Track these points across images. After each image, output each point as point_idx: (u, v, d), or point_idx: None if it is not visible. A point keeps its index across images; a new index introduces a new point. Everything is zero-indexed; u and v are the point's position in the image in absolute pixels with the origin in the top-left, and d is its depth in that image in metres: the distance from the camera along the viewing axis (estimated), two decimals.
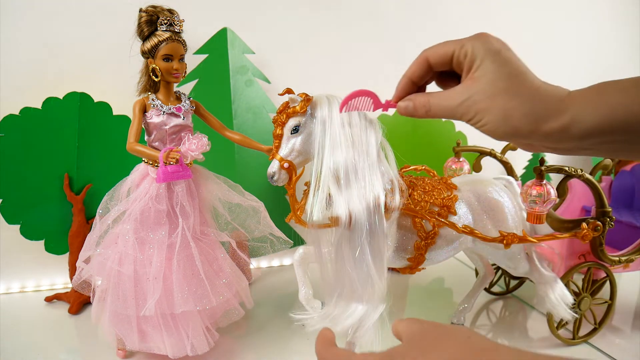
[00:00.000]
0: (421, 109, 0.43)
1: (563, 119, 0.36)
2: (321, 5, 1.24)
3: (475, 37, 0.40)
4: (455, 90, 0.40)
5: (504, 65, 0.39)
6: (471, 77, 0.40)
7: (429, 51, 0.43)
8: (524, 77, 0.39)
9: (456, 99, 0.40)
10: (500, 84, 0.38)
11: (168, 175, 0.75)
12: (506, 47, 0.40)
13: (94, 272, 0.79)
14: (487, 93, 0.38)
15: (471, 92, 0.39)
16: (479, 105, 0.39)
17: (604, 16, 1.54)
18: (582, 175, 0.82)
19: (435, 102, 0.42)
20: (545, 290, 0.84)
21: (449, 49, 0.41)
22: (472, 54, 0.39)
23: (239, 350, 0.87)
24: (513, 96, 0.38)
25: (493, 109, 0.38)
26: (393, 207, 0.71)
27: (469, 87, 0.39)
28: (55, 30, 1.05)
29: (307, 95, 0.71)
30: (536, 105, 0.37)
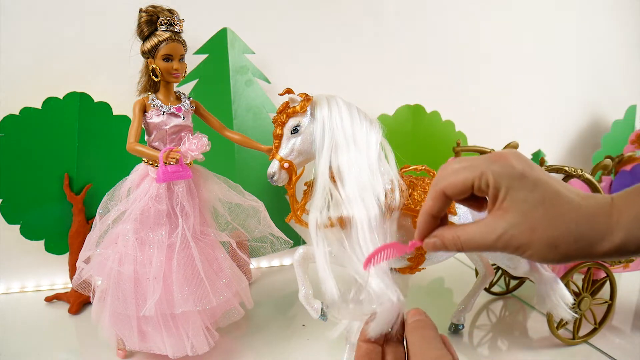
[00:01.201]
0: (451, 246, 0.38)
1: (616, 239, 0.34)
2: (321, 6, 1.24)
3: (492, 160, 0.36)
4: (486, 224, 0.36)
5: (533, 190, 0.35)
6: (500, 208, 0.35)
7: (445, 184, 0.37)
8: (558, 199, 0.35)
9: (490, 235, 0.36)
10: (535, 213, 0.34)
11: (168, 175, 0.75)
12: (529, 165, 0.36)
13: (94, 272, 0.79)
14: (523, 226, 0.34)
15: (505, 226, 0.35)
16: (519, 239, 0.35)
17: (605, 16, 1.54)
18: (582, 175, 0.82)
19: (466, 238, 0.37)
20: (545, 290, 0.84)
21: (467, 180, 0.36)
22: (495, 183, 0.35)
23: (239, 350, 0.87)
24: (554, 226, 0.34)
25: (536, 242, 0.34)
26: (393, 207, 0.71)
27: (501, 220, 0.35)
28: (55, 30, 1.05)
29: (307, 95, 0.71)
30: (583, 230, 0.34)
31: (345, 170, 0.67)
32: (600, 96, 1.58)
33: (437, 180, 0.39)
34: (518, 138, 1.07)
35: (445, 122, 1.35)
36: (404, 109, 1.31)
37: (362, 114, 0.72)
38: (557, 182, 0.36)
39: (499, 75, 1.44)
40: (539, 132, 1.51)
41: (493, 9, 1.41)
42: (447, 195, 0.38)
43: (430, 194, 0.39)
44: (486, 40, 1.41)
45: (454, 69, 1.39)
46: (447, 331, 0.94)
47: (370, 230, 0.67)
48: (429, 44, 1.36)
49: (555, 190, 0.35)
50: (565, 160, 1.59)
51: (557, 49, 1.50)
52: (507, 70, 1.45)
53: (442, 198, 0.38)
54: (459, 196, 0.38)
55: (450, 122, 1.36)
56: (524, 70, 1.47)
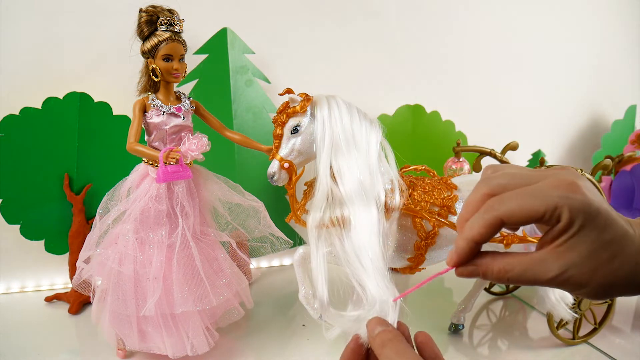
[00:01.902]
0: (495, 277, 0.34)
1: None
2: (321, 5, 1.24)
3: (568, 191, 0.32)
4: (542, 260, 0.33)
5: (605, 230, 0.32)
6: (564, 245, 0.32)
7: (505, 211, 0.32)
8: (624, 241, 0.33)
9: (546, 274, 0.32)
10: (602, 254, 0.32)
11: (168, 175, 0.75)
12: (600, 199, 0.33)
13: (94, 272, 0.79)
14: (586, 267, 0.32)
15: (566, 265, 0.32)
16: (577, 279, 0.32)
17: (605, 16, 1.54)
18: (582, 175, 0.82)
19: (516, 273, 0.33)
20: (545, 290, 0.84)
21: (536, 210, 0.32)
22: (570, 220, 0.31)
23: (239, 350, 0.87)
24: (616, 269, 0.32)
25: (593, 283, 0.32)
26: (393, 207, 0.71)
27: (562, 258, 0.32)
28: (55, 30, 1.05)
29: (307, 95, 0.71)
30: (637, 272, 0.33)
31: (345, 170, 0.67)
32: (600, 96, 1.58)
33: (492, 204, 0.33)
34: (518, 138, 1.07)
35: (445, 122, 1.35)
36: (404, 109, 1.31)
37: (362, 114, 0.72)
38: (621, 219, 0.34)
39: (499, 75, 1.44)
40: (539, 132, 1.51)
41: (493, 9, 1.41)
42: (505, 223, 0.33)
43: (482, 219, 0.33)
44: (486, 40, 1.41)
45: (454, 69, 1.39)
46: (447, 331, 0.94)
47: (369, 230, 0.67)
48: (429, 44, 1.36)
49: (622, 231, 0.33)
50: (565, 160, 1.59)
51: (558, 49, 1.50)
52: (507, 70, 1.45)
53: (498, 226, 0.33)
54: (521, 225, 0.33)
55: (450, 122, 1.36)
56: (524, 70, 1.47)
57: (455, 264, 0.35)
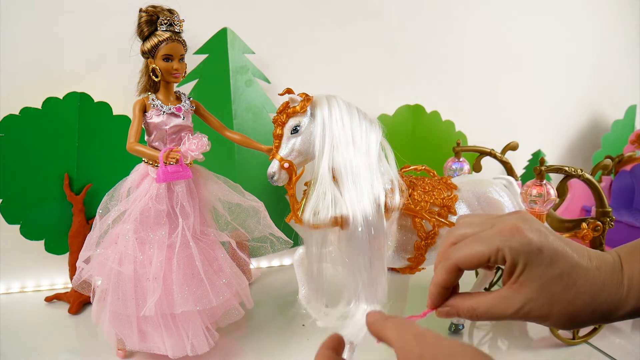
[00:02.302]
0: (466, 315, 0.38)
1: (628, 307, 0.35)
2: (321, 5, 1.24)
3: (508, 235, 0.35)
4: (503, 297, 0.36)
5: (551, 264, 0.35)
6: (517, 282, 0.35)
7: (458, 258, 0.37)
8: (576, 273, 0.35)
9: (508, 309, 0.36)
10: (553, 287, 0.34)
11: (168, 175, 0.75)
12: (545, 236, 0.35)
13: (94, 272, 0.79)
14: (541, 301, 0.35)
15: (523, 301, 0.35)
16: (537, 312, 0.35)
17: (605, 16, 1.54)
18: (582, 175, 0.82)
19: (482, 310, 0.37)
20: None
21: (482, 255, 0.35)
22: (512, 260, 0.35)
23: (239, 350, 0.87)
24: (573, 299, 0.35)
25: (555, 315, 0.35)
26: (393, 207, 0.71)
27: (518, 294, 0.35)
28: (55, 30, 1.05)
29: (307, 95, 0.71)
30: (598, 302, 0.35)
31: (345, 170, 0.67)
32: (600, 96, 1.58)
33: (448, 252, 0.37)
34: (518, 138, 1.07)
35: (445, 122, 1.35)
36: (404, 109, 1.31)
37: (362, 114, 0.72)
38: (572, 250, 0.36)
39: (499, 75, 1.44)
40: (539, 132, 1.51)
41: (493, 9, 1.41)
42: (460, 269, 0.37)
43: (443, 266, 0.37)
44: (486, 40, 1.41)
45: (454, 69, 1.39)
46: (448, 331, 0.94)
47: (369, 230, 0.67)
48: (429, 44, 1.36)
49: (572, 263, 0.35)
50: (565, 160, 1.59)
51: (558, 49, 1.50)
52: (507, 70, 1.45)
53: (455, 272, 0.37)
54: (473, 269, 0.37)
55: (450, 122, 1.36)
56: (524, 70, 1.47)
57: (431, 306, 0.40)
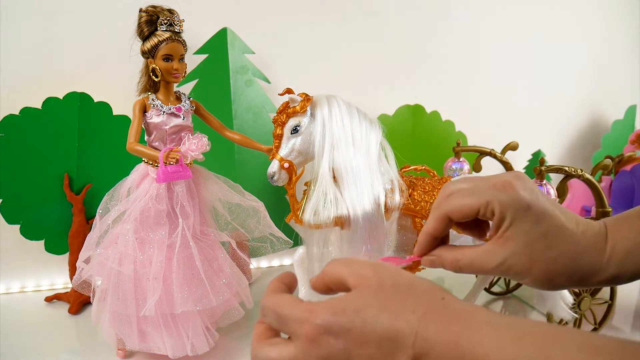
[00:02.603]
0: (450, 266, 0.39)
1: (608, 274, 0.36)
2: (321, 5, 1.24)
3: (500, 189, 0.37)
4: (486, 250, 0.37)
5: (537, 222, 0.35)
6: (502, 236, 0.36)
7: (449, 208, 0.37)
8: (561, 234, 0.36)
9: (490, 262, 0.36)
10: (537, 245, 0.35)
11: (168, 175, 0.75)
12: (535, 195, 0.36)
13: (94, 272, 0.79)
14: (524, 257, 0.35)
15: (506, 255, 0.36)
16: (518, 267, 0.36)
17: (605, 16, 1.54)
18: (582, 175, 0.82)
19: (466, 263, 0.37)
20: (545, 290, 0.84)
21: (472, 206, 0.36)
22: (500, 213, 0.35)
23: (239, 350, 0.87)
24: (554, 259, 0.35)
25: (534, 272, 0.36)
26: (393, 207, 0.71)
27: (502, 248, 0.36)
28: (55, 30, 1.05)
29: (307, 95, 0.71)
30: (578, 265, 0.36)
31: (345, 170, 0.67)
32: (600, 96, 1.58)
33: (441, 203, 0.38)
34: (518, 138, 1.07)
35: (445, 122, 1.35)
36: (404, 109, 1.31)
37: (362, 114, 0.72)
38: (560, 213, 0.36)
39: (499, 75, 1.44)
40: (539, 132, 1.51)
41: (493, 9, 1.41)
42: (450, 219, 0.38)
43: (433, 215, 0.38)
44: (486, 40, 1.41)
45: (454, 69, 1.39)
46: None
47: (369, 230, 0.67)
48: (429, 44, 1.36)
49: (558, 224, 0.36)
50: (565, 160, 1.58)
51: (558, 49, 1.50)
52: (507, 70, 1.45)
53: (446, 221, 0.38)
54: (462, 220, 0.38)
55: (450, 122, 1.36)
56: (524, 70, 1.47)
57: (418, 253, 0.40)
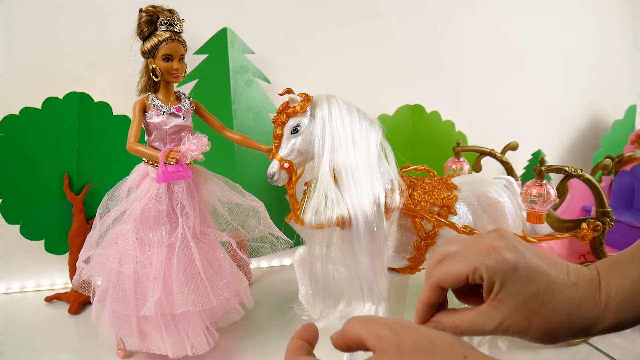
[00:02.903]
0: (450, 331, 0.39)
1: (606, 324, 0.36)
2: (321, 5, 1.24)
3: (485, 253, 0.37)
4: (483, 314, 0.37)
5: (527, 283, 0.36)
6: (495, 300, 0.36)
7: (439, 277, 0.38)
8: (552, 291, 0.36)
9: (488, 325, 0.37)
10: (530, 305, 0.35)
11: (168, 175, 0.75)
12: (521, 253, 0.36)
13: (94, 272, 0.79)
14: (519, 317, 0.36)
15: (502, 317, 0.36)
16: (516, 328, 0.36)
17: (605, 16, 1.54)
18: (582, 175, 0.82)
19: (465, 327, 0.38)
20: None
21: (460, 273, 0.37)
22: (489, 278, 0.36)
23: (239, 350, 0.87)
24: (550, 316, 0.36)
25: (533, 331, 0.36)
26: (393, 207, 0.71)
27: (497, 311, 0.36)
28: (55, 30, 1.05)
29: (307, 95, 0.71)
30: (575, 319, 0.36)
31: (345, 171, 0.67)
32: (600, 96, 1.58)
33: (431, 270, 0.39)
34: (518, 138, 1.07)
35: (445, 122, 1.35)
36: (404, 109, 1.31)
37: (362, 114, 0.72)
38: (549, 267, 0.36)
39: (499, 75, 1.44)
40: (539, 132, 1.51)
41: (493, 9, 1.41)
42: (442, 287, 0.38)
43: (426, 284, 0.39)
44: (486, 40, 1.41)
45: (454, 69, 1.39)
46: None
47: (369, 230, 0.67)
48: (429, 44, 1.36)
49: (548, 281, 0.36)
50: (565, 160, 1.58)
51: (557, 48, 1.50)
52: (507, 70, 1.45)
53: (438, 289, 0.38)
54: (453, 287, 0.38)
55: (450, 122, 1.36)
56: (524, 70, 1.47)
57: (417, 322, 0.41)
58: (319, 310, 0.74)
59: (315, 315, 0.74)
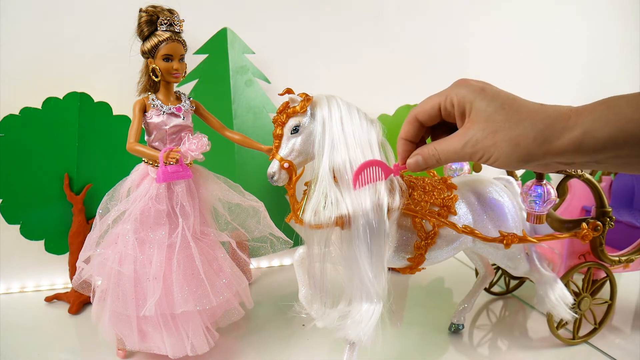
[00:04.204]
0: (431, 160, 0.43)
1: (574, 134, 0.36)
2: (321, 5, 1.24)
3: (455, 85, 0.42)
4: (457, 134, 0.41)
5: (494, 99, 0.39)
6: (468, 121, 0.40)
7: (416, 109, 0.43)
8: (518, 104, 0.39)
9: (460, 141, 0.40)
10: (497, 117, 0.38)
11: (168, 175, 0.75)
12: (488, 84, 0.41)
13: (94, 272, 0.79)
14: (488, 130, 0.39)
15: (472, 133, 0.39)
16: (484, 142, 0.39)
17: (605, 16, 1.54)
18: (582, 175, 0.82)
19: (442, 148, 0.42)
20: (545, 290, 0.84)
21: (434, 103, 0.42)
22: (460, 101, 0.40)
23: (239, 350, 0.87)
24: (515, 125, 0.38)
25: (499, 143, 0.38)
26: (393, 207, 0.71)
27: (469, 129, 0.40)
28: (55, 30, 1.05)
29: (307, 95, 0.71)
30: (541, 126, 0.37)
31: (345, 170, 0.67)
32: (600, 96, 1.57)
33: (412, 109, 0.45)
34: None
35: None
36: (404, 109, 1.31)
37: (362, 114, 0.72)
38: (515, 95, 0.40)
39: (499, 75, 1.44)
40: None
41: (493, 9, 1.41)
42: (419, 119, 0.44)
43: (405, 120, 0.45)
44: (486, 40, 1.41)
45: (454, 69, 1.39)
46: (448, 331, 0.94)
47: (370, 230, 0.67)
48: (429, 44, 1.36)
49: (513, 97, 0.40)
50: None
51: (558, 49, 1.50)
52: (507, 70, 1.45)
53: (415, 123, 0.44)
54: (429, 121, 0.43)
55: None
56: (525, 70, 1.47)
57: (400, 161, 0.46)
58: (318, 310, 0.74)
59: (315, 315, 0.74)
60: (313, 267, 0.73)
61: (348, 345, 0.74)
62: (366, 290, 0.69)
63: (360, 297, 0.70)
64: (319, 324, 0.72)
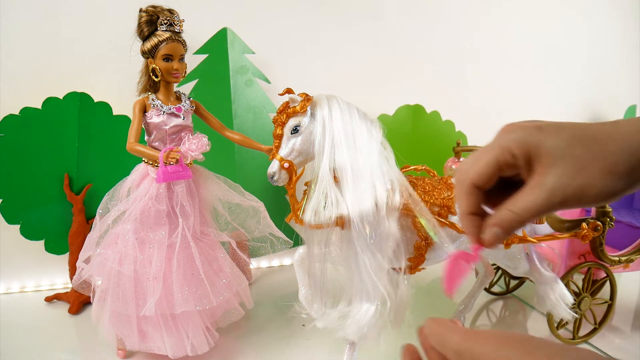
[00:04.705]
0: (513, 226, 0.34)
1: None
2: (321, 5, 1.24)
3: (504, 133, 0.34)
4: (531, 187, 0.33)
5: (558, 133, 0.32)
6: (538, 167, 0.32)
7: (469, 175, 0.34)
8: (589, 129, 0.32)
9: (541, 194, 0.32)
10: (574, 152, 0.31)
11: (168, 175, 0.75)
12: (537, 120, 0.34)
13: (94, 272, 0.79)
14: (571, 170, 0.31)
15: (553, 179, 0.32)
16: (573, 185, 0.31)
17: (605, 16, 1.54)
18: None
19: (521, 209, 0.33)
20: (545, 290, 0.84)
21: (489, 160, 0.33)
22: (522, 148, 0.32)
23: (239, 350, 0.87)
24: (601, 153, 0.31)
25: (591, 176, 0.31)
26: (393, 207, 0.71)
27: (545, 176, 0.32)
28: (55, 30, 1.05)
29: (307, 95, 0.71)
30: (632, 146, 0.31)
31: (346, 170, 0.67)
32: (600, 96, 1.58)
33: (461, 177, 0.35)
34: None
35: (445, 122, 1.35)
36: (404, 109, 1.31)
37: (362, 114, 0.72)
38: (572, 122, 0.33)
39: (499, 75, 1.44)
40: None
41: (493, 9, 1.41)
42: (477, 186, 0.35)
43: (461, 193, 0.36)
44: (486, 40, 1.41)
45: (454, 69, 1.39)
46: None
47: (369, 230, 0.67)
48: (429, 44, 1.36)
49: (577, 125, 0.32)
50: None
51: (558, 49, 1.50)
52: (507, 70, 1.45)
53: (475, 191, 0.35)
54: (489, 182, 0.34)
55: (450, 122, 1.36)
56: (524, 70, 1.47)
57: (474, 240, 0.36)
58: (319, 310, 0.74)
59: (315, 315, 0.74)
60: (313, 267, 0.73)
61: (348, 345, 0.74)
62: (366, 290, 0.69)
63: (361, 297, 0.70)
64: (319, 324, 0.72)
